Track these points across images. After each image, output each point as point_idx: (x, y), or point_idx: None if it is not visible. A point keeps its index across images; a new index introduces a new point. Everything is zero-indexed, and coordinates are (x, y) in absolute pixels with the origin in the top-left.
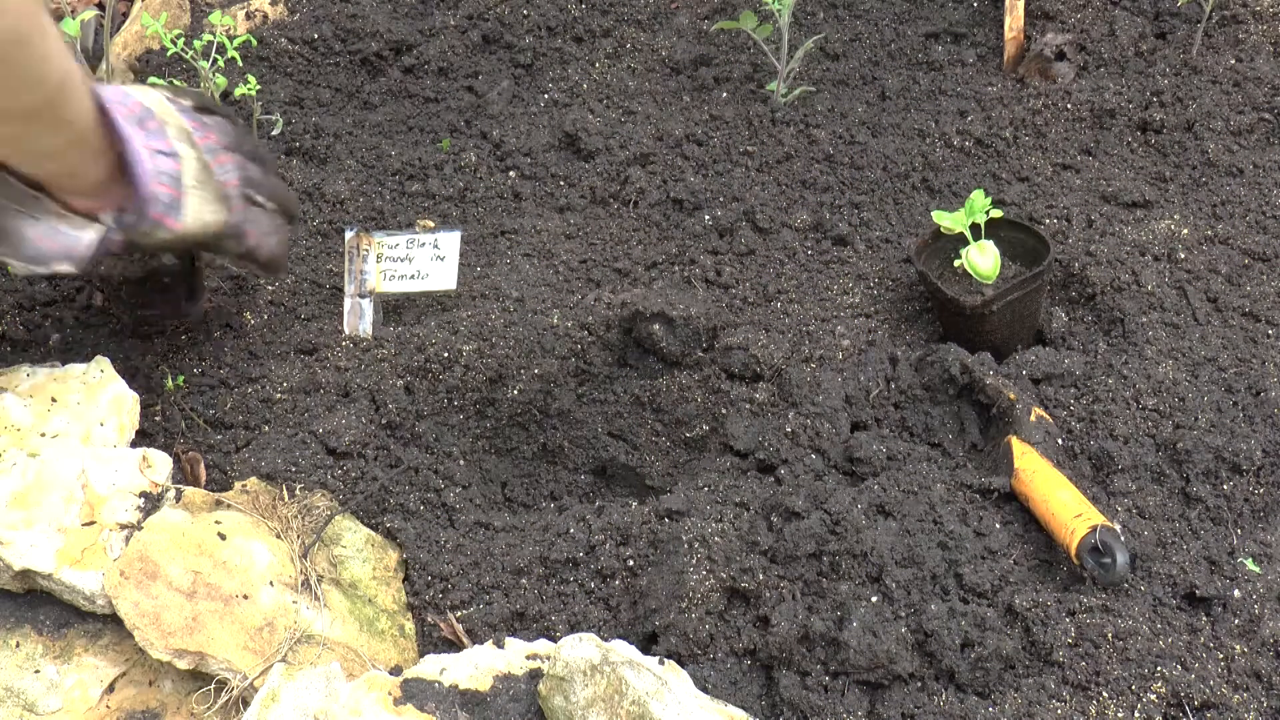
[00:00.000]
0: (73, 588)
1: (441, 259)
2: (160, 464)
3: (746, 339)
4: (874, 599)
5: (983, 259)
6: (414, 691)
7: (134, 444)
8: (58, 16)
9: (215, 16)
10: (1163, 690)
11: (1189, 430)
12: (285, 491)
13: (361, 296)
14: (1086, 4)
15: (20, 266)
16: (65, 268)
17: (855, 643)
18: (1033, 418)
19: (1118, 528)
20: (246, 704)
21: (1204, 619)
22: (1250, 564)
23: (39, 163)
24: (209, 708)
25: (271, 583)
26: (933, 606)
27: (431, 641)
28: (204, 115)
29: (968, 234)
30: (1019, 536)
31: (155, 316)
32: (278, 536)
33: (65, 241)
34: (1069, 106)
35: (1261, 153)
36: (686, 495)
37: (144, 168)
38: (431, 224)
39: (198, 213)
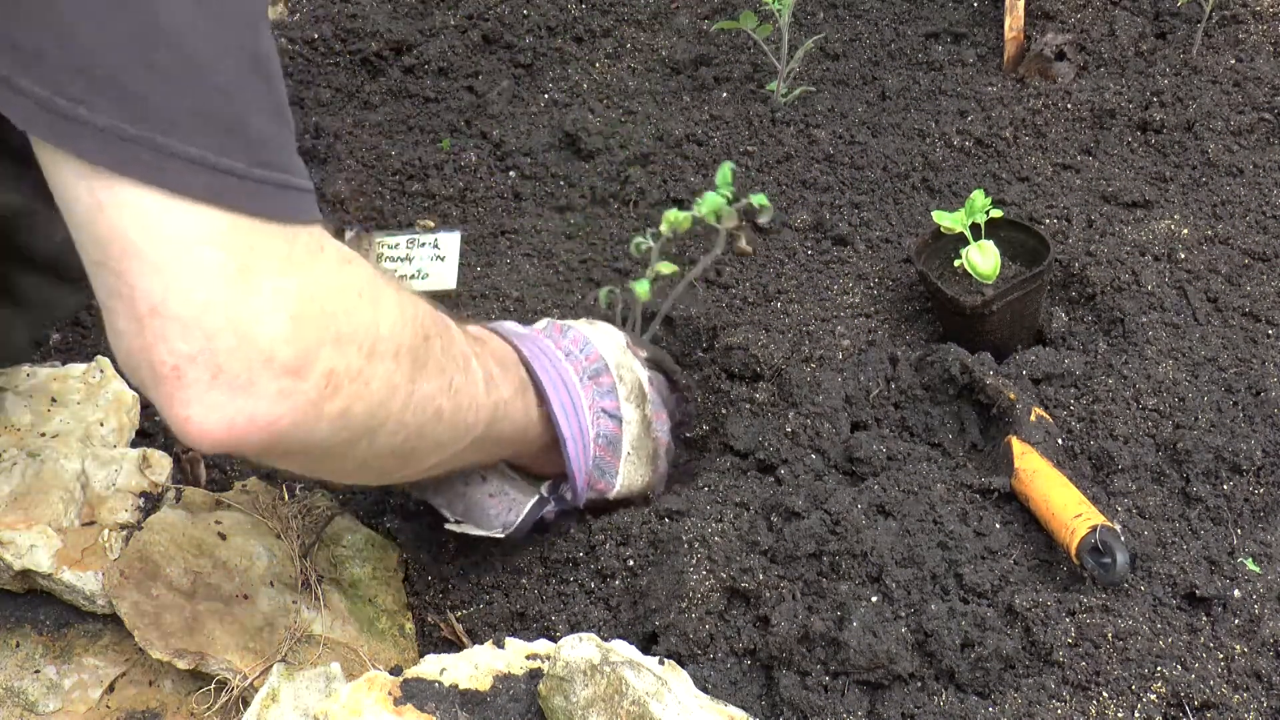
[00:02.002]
0: (73, 588)
1: (441, 259)
2: (160, 464)
3: (746, 339)
4: (874, 599)
5: (983, 259)
6: (414, 691)
7: (134, 444)
8: None
9: None
10: (1163, 690)
11: (1189, 430)
12: (285, 491)
13: None
14: (1086, 4)
15: (465, 528)
16: (497, 534)
17: (855, 643)
18: (1033, 418)
19: (1118, 528)
20: (246, 704)
21: (1204, 619)
22: (1250, 564)
23: (475, 461)
24: (209, 708)
25: (271, 583)
26: (933, 606)
27: (431, 641)
28: (652, 370)
29: (968, 234)
30: (1019, 536)
31: None
32: (278, 536)
33: (507, 505)
34: (1069, 106)
35: (1261, 153)
36: (686, 495)
37: (577, 449)
38: (431, 224)
39: (629, 479)
